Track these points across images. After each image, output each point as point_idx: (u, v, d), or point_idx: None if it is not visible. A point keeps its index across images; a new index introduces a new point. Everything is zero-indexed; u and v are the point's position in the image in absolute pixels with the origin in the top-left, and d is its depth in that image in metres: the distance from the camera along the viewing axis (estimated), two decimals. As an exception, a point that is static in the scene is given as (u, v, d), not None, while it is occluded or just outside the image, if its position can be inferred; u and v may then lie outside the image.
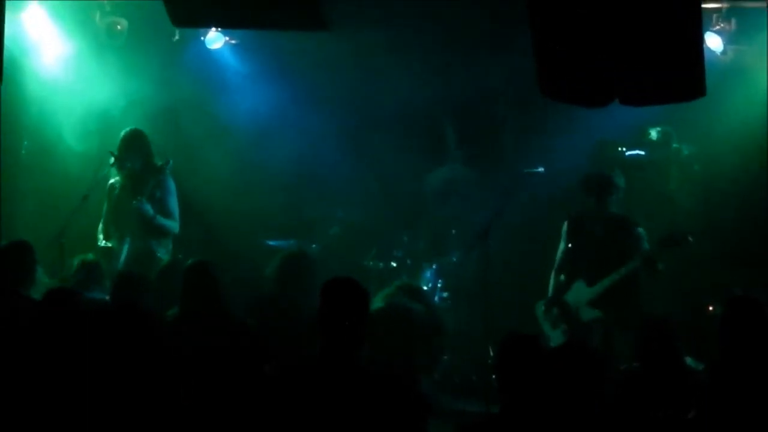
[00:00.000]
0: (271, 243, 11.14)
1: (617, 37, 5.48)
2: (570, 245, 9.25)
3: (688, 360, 6.78)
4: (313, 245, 10.94)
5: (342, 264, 10.09)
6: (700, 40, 5.72)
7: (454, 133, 12.03)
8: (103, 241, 9.59)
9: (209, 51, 11.30)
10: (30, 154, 11.08)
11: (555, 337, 8.96)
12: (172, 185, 9.72)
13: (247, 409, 5.37)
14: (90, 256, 8.67)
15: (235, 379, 6.38)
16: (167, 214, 9.63)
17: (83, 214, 9.54)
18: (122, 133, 9.70)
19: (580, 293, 8.98)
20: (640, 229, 8.92)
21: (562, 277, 9.19)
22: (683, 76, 5.51)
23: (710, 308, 9.64)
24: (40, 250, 8.04)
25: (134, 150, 9.62)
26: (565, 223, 9.36)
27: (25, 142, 11.02)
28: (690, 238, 8.70)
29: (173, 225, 9.70)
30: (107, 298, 7.84)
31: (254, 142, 11.48)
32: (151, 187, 9.47)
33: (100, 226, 9.72)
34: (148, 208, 9.44)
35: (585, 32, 5.54)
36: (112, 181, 9.73)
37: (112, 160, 9.56)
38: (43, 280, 7.77)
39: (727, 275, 9.99)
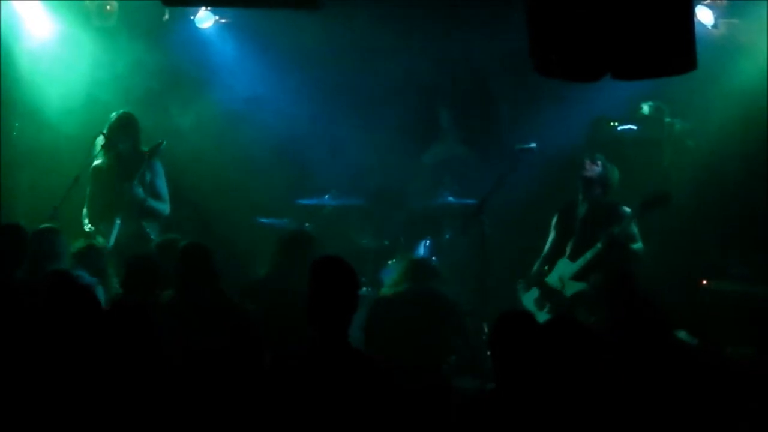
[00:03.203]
0: (264, 221, 11.15)
1: (608, 11, 5.47)
2: (555, 235, 9.31)
3: (682, 334, 6.79)
4: (306, 224, 10.93)
5: (335, 242, 10.08)
6: (691, 13, 5.71)
7: (448, 111, 12.02)
8: (89, 225, 9.54)
9: (199, 31, 11.26)
10: (21, 135, 11.03)
11: (542, 317, 8.97)
12: (160, 168, 9.71)
13: (244, 395, 5.37)
14: (86, 240, 8.65)
15: (232, 364, 6.40)
16: (157, 197, 9.62)
17: (75, 195, 9.51)
18: (113, 116, 9.66)
19: (564, 269, 9.00)
20: (626, 209, 8.91)
21: (546, 267, 9.22)
22: (674, 49, 5.50)
23: (703, 282, 9.66)
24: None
25: (125, 133, 9.59)
26: (555, 216, 9.40)
27: (17, 124, 10.97)
28: (671, 199, 8.72)
29: (164, 207, 9.68)
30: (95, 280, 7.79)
31: (246, 122, 11.46)
32: (141, 170, 9.44)
33: (85, 210, 9.67)
34: (140, 191, 9.42)
35: (577, 7, 5.53)
36: (96, 163, 9.69)
37: (103, 141, 9.53)
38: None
39: (720, 252, 10.01)
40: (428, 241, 10.81)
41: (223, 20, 11.31)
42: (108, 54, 10.97)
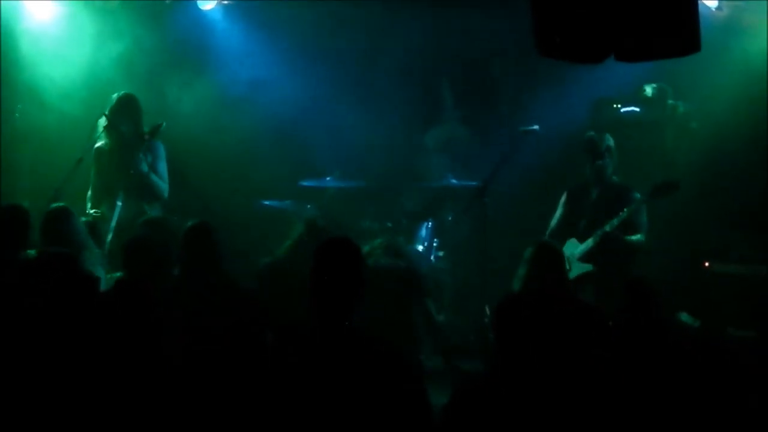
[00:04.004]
0: (267, 204, 11.15)
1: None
2: (564, 214, 9.28)
3: (683, 316, 6.80)
4: (308, 206, 10.93)
5: (337, 224, 10.08)
6: (695, -5, 5.70)
7: (451, 92, 12.01)
8: (92, 210, 9.55)
9: (201, 12, 11.24)
10: (24, 117, 11.02)
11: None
12: (162, 149, 9.69)
13: (245, 374, 5.36)
14: (85, 218, 8.66)
15: (234, 344, 6.40)
16: (158, 178, 9.62)
17: (78, 177, 9.51)
18: (114, 97, 9.64)
19: (572, 249, 8.99)
20: (637, 194, 8.91)
21: None
22: (677, 30, 5.49)
23: (706, 264, 9.66)
24: (35, 214, 8.03)
25: (127, 114, 9.57)
26: (564, 194, 9.38)
27: (19, 105, 10.96)
28: (679, 186, 8.73)
29: (164, 187, 9.67)
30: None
31: (247, 104, 11.44)
32: (142, 150, 9.43)
33: (89, 193, 9.68)
34: (144, 166, 9.43)
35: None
36: (98, 145, 9.67)
37: (106, 122, 9.53)
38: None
39: (723, 234, 10.01)
40: (430, 223, 10.80)
41: (225, 1, 11.28)
42: (110, 35, 10.95)
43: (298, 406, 5.01)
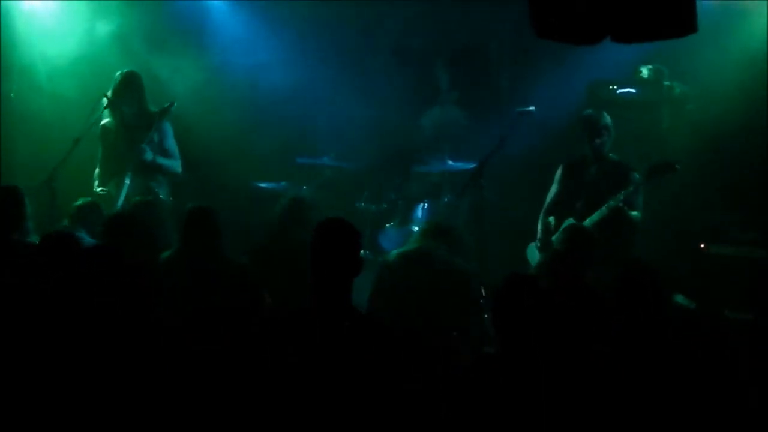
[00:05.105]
0: (262, 186, 11.14)
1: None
2: (562, 188, 9.26)
3: (679, 298, 6.79)
4: (304, 187, 10.92)
5: (333, 206, 10.07)
6: (692, -24, 5.68)
7: (447, 74, 11.99)
8: (99, 188, 9.54)
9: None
10: (19, 98, 10.99)
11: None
12: (169, 128, 9.68)
13: (242, 353, 5.37)
14: (86, 199, 8.65)
15: (228, 322, 6.42)
16: (168, 155, 9.62)
17: (75, 157, 9.49)
18: (117, 75, 9.62)
19: None
20: (636, 175, 8.90)
21: (551, 219, 9.18)
22: (674, 11, 5.48)
23: (702, 246, 9.65)
24: (31, 195, 8.02)
25: (129, 93, 9.55)
26: (560, 167, 9.36)
27: (15, 86, 10.93)
28: (677, 166, 8.72)
29: (175, 164, 9.68)
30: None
31: (243, 84, 11.42)
32: (150, 133, 9.42)
33: (97, 171, 9.68)
34: (149, 153, 9.41)
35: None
36: (103, 123, 9.65)
37: (106, 102, 9.50)
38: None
39: (720, 216, 10.01)
40: (426, 205, 10.79)
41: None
42: (105, 13, 10.92)
43: (299, 386, 5.02)
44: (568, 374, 5.13)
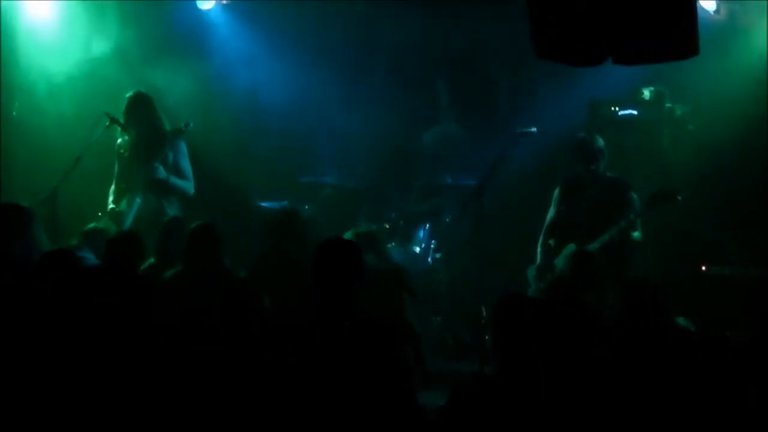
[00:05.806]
0: (264, 205, 11.14)
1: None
2: (561, 209, 9.25)
3: (680, 320, 6.78)
4: (306, 206, 10.93)
5: (334, 225, 10.07)
6: (693, -1, 5.70)
7: (447, 92, 12.01)
8: (112, 204, 9.56)
9: (199, 10, 11.23)
10: (21, 114, 11.00)
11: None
12: (184, 147, 9.74)
13: (244, 366, 5.38)
14: (94, 225, 8.68)
15: (230, 336, 6.41)
16: (181, 176, 9.67)
17: (76, 175, 9.50)
18: (127, 96, 9.66)
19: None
20: (633, 195, 8.91)
21: (551, 241, 9.19)
22: (676, 34, 5.48)
23: (703, 268, 9.65)
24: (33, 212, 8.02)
25: (138, 113, 9.58)
26: (558, 188, 9.36)
27: (17, 103, 10.94)
28: (678, 197, 8.72)
29: (188, 185, 9.73)
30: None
31: (244, 101, 11.44)
32: (164, 151, 9.46)
33: (112, 187, 9.72)
34: (162, 171, 9.45)
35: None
36: (119, 141, 9.71)
37: (109, 121, 9.53)
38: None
39: (720, 236, 10.00)
40: (428, 224, 10.80)
41: (224, 1, 11.27)
42: (110, 33, 10.94)
43: (299, 386, 5.04)
44: (568, 391, 5.12)
